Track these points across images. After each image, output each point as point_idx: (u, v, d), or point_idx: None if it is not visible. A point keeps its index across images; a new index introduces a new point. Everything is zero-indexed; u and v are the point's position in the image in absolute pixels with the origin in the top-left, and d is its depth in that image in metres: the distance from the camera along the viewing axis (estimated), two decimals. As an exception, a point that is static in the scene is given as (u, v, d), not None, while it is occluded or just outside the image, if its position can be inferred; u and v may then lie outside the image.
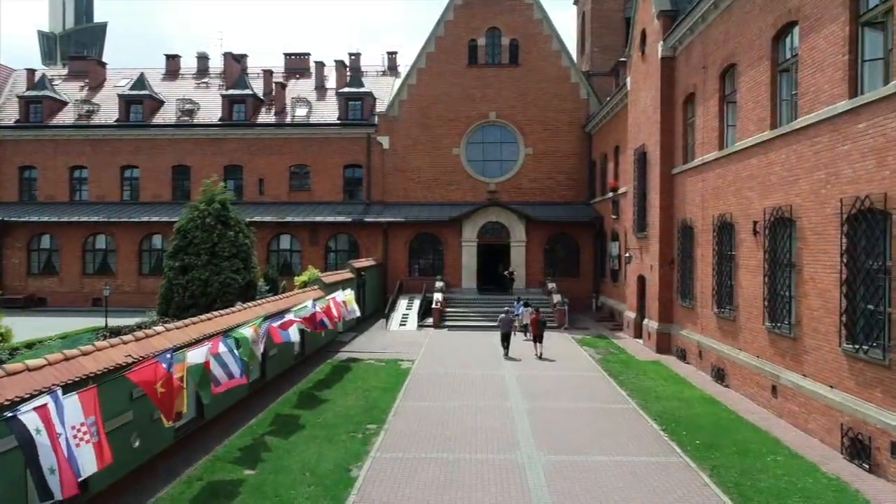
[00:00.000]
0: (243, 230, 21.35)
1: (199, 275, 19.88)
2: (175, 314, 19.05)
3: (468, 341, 25.76)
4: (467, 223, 35.97)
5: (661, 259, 22.73)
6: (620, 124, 30.38)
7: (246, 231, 21.53)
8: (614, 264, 31.61)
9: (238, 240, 20.87)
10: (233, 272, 20.33)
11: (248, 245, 20.98)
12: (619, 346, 24.25)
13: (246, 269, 20.71)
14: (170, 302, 19.73)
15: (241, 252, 20.60)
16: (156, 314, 19.98)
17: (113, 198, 40.11)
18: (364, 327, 29.60)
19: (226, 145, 39.72)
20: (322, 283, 23.17)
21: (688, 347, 20.75)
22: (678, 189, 22.01)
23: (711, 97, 18.93)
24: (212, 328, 12.84)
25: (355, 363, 20.92)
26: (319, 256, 36.96)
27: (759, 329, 15.67)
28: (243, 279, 20.46)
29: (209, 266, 19.83)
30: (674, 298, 22.48)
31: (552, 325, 29.01)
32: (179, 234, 20.29)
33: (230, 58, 44.63)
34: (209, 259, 20.06)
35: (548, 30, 38.12)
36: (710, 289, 18.97)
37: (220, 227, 20.67)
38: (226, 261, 20.29)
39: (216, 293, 19.59)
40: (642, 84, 25.06)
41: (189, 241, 20.15)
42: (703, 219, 19.54)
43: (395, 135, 38.50)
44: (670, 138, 22.56)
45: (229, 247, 20.40)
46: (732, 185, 17.31)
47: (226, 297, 19.58)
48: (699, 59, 19.95)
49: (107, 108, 41.81)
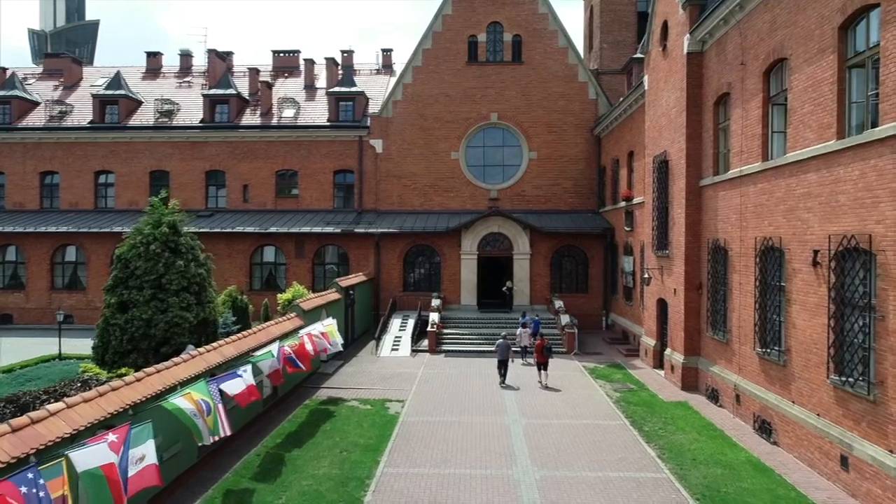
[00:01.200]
0: (197, 258, 18.29)
1: (140, 313, 16.64)
2: (113, 361, 16.20)
3: (466, 371, 22.95)
4: (467, 234, 33.16)
5: (687, 283, 19.92)
6: (635, 128, 27.58)
7: (201, 259, 18.48)
8: (628, 281, 28.79)
9: (189, 270, 17.68)
10: (182, 309, 17.11)
11: (202, 275, 17.98)
12: (638, 380, 21.42)
13: (199, 304, 17.67)
14: (107, 346, 16.78)
15: (193, 284, 17.60)
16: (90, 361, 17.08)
17: (86, 205, 37.31)
18: (353, 351, 26.81)
19: (207, 149, 36.90)
20: (300, 310, 20.33)
21: (721, 388, 17.93)
22: (708, 204, 19.19)
23: (752, 98, 16.12)
24: (126, 398, 9.95)
25: (336, 406, 18.09)
26: (306, 270, 34.14)
27: (820, 381, 12.86)
28: (196, 316, 17.32)
29: (153, 302, 16.85)
30: (702, 329, 19.67)
31: (560, 351, 26.25)
32: (119, 264, 17.36)
33: (214, 55, 41.75)
34: (153, 294, 17.02)
35: (553, 25, 35.30)
36: (750, 323, 16.16)
37: (168, 254, 17.45)
38: (174, 296, 17.08)
39: (161, 335, 16.66)
40: (663, 83, 22.25)
41: (130, 273, 17.22)
42: (740, 240, 16.72)
43: (389, 138, 35.69)
44: (697, 145, 19.76)
45: (178, 278, 17.27)
46: (782, 203, 14.49)
47: (174, 339, 16.67)
48: (735, 53, 17.14)
49: (81, 109, 39.02)
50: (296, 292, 29.14)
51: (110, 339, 16.48)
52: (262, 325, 17.08)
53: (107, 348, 16.52)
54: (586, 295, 33.17)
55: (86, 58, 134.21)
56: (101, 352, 16.68)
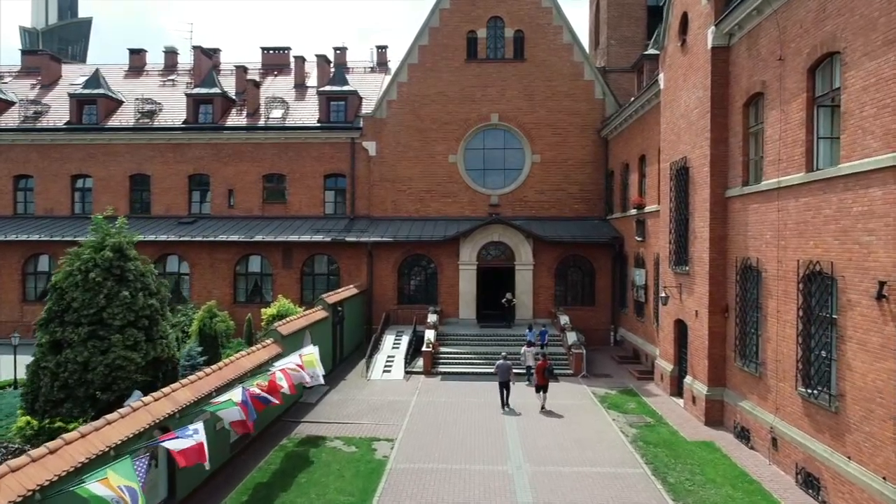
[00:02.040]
0: (148, 286, 15.85)
1: (75, 355, 14.09)
2: (44, 410, 13.96)
3: (464, 399, 20.82)
4: (465, 243, 31.02)
5: (712, 305, 17.79)
6: (647, 130, 25.47)
7: (152, 287, 16.04)
8: (639, 296, 26.67)
9: (137, 302, 15.09)
10: (127, 348, 14.56)
11: (153, 307, 15.58)
12: (655, 411, 19.29)
13: (149, 340, 15.26)
14: (37, 393, 14.38)
15: (141, 318, 15.20)
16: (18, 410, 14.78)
17: (63, 211, 35.18)
18: (342, 372, 24.70)
19: (190, 151, 34.75)
20: (278, 335, 18.19)
21: (753, 428, 15.81)
22: (735, 217, 17.06)
23: (793, 99, 13.98)
24: (30, 480, 7.74)
25: (317, 448, 15.94)
26: (294, 281, 31.99)
27: (887, 439, 10.74)
28: (145, 356, 14.91)
29: (92, 341, 14.40)
30: (728, 357, 17.54)
31: (566, 373, 24.14)
32: (55, 295, 15.01)
33: (200, 52, 39.58)
34: (92, 331, 14.51)
35: (558, 20, 33.15)
36: (790, 357, 14.04)
37: (112, 284, 14.85)
38: (117, 333, 14.54)
39: (101, 380, 14.29)
40: (682, 82, 20.12)
41: (66, 306, 14.77)
42: (778, 261, 14.59)
43: (383, 140, 33.56)
44: (723, 151, 17.63)
45: (123, 312, 14.68)
46: (833, 222, 12.37)
47: (116, 384, 14.42)
48: (771, 47, 15.02)
49: (58, 109, 36.86)
50: (281, 307, 27.05)
51: (40, 384, 14.21)
52: (231, 358, 14.92)
53: (37, 395, 14.22)
54: (593, 308, 31.04)
55: (78, 56, 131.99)
56: (30, 399, 14.36)
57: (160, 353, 14.95)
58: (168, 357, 15.28)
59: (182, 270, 32.66)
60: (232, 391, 12.16)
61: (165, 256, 32.68)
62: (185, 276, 32.62)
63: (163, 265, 32.74)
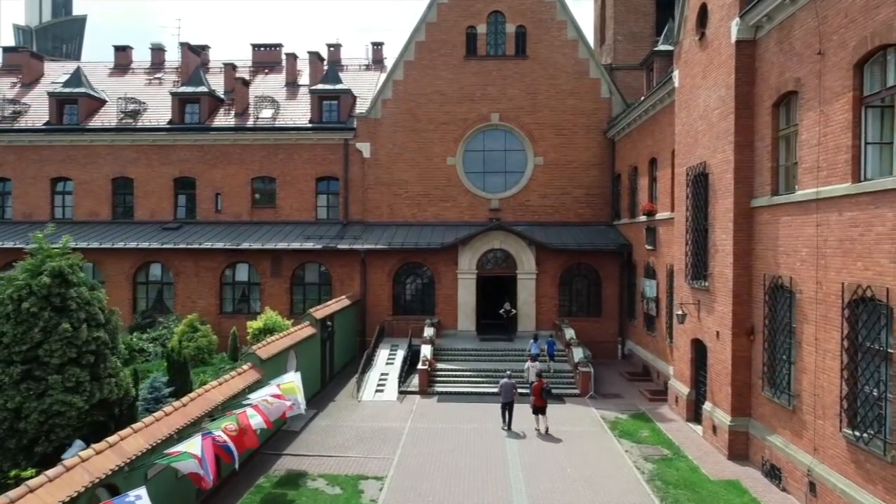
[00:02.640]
0: (95, 316, 13.67)
1: (5, 400, 12.09)
2: None
3: (463, 424, 19.12)
4: (464, 250, 29.31)
5: (736, 327, 16.09)
6: (659, 131, 23.78)
7: (101, 317, 13.81)
8: (650, 308, 24.97)
9: (80, 335, 12.90)
10: (67, 391, 12.53)
11: (101, 340, 13.52)
12: (672, 441, 17.59)
13: (95, 380, 13.21)
14: None
15: (86, 354, 13.15)
16: None
17: (42, 216, 33.47)
18: (332, 391, 23.02)
19: (176, 153, 33.07)
20: (256, 359, 16.47)
21: (785, 467, 14.12)
22: (763, 230, 15.36)
23: (835, 98, 12.28)
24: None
25: (297, 489, 14.25)
26: (284, 290, 30.26)
27: (962, 503, 9.05)
28: (88, 399, 12.87)
29: (25, 383, 12.44)
30: (754, 383, 15.86)
31: (573, 393, 22.49)
32: None
33: (187, 49, 37.89)
34: (27, 371, 12.37)
35: (562, 14, 31.43)
36: (832, 393, 12.34)
37: (50, 314, 12.72)
38: (55, 373, 12.51)
39: (35, 430, 12.39)
40: (700, 79, 18.41)
41: None
42: (817, 283, 12.89)
43: (378, 141, 31.86)
44: (748, 156, 15.93)
45: (63, 348, 12.57)
46: (888, 241, 10.67)
47: (55, 433, 12.58)
48: (808, 40, 13.31)
49: (38, 109, 35.19)
50: (268, 320, 25.44)
51: (-36, 434, 12.44)
52: (199, 391, 13.20)
53: (-40, 447, 12.49)
54: (599, 320, 29.32)
55: (73, 54, 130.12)
56: (-47, 452, 12.60)
57: (108, 394, 13.07)
58: (117, 399, 13.41)
59: (165, 279, 30.97)
60: (189, 441, 10.45)
61: (148, 264, 31.01)
62: (168, 286, 30.91)
63: (145, 273, 31.12)
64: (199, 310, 29.65)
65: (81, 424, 12.58)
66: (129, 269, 30.71)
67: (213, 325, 28.42)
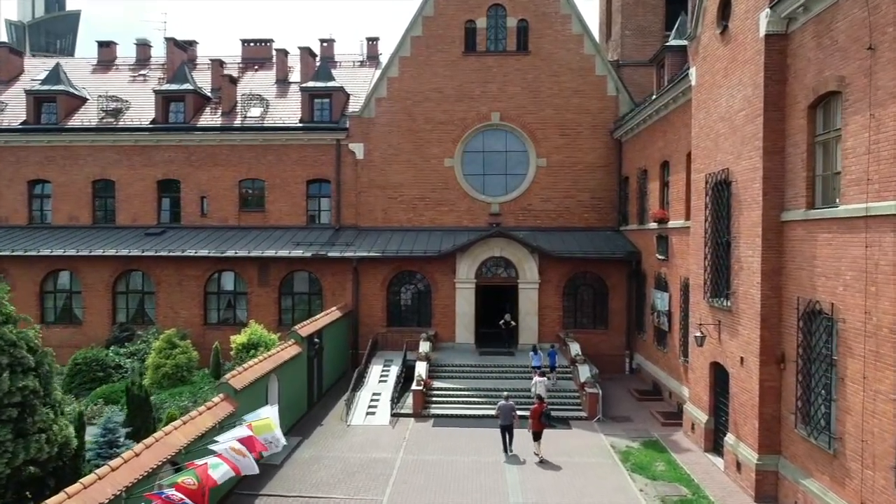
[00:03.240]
0: (22, 360, 11.56)
1: None
2: None
3: (459, 459, 17.43)
4: (463, 258, 27.63)
5: (764, 354, 14.44)
6: (671, 132, 22.10)
7: (30, 361, 11.70)
8: (661, 322, 23.31)
9: (1, 385, 10.89)
10: None
11: (29, 388, 11.40)
12: (691, 477, 15.93)
13: (22, 436, 11.20)
14: None
15: (7, 408, 11.02)
16: None
17: (18, 220, 31.86)
18: (319, 414, 21.36)
19: (159, 154, 31.40)
20: (230, 389, 14.80)
21: (824, 518, 12.47)
22: (797, 248, 13.68)
23: (891, 100, 10.59)
24: None
25: (270, 542, 12.64)
26: (272, 301, 28.58)
27: None
28: (11, 462, 10.77)
29: None
30: (784, 417, 14.21)
31: (579, 416, 20.84)
32: None
33: (173, 45, 36.15)
34: None
35: (566, 8, 29.70)
36: (885, 441, 10.68)
37: None
38: None
39: None
40: (722, 77, 16.71)
41: None
42: (866, 312, 11.22)
43: (372, 141, 30.18)
44: (779, 164, 14.25)
45: None
46: (962, 271, 9.00)
47: None
48: (854, 33, 11.61)
49: (15, 107, 33.50)
50: (253, 334, 23.90)
51: None
52: (159, 434, 11.53)
53: None
54: (606, 332, 27.66)
55: (66, 50, 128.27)
56: None
57: (36, 453, 11.32)
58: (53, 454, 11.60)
59: (147, 288, 29.30)
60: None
61: (129, 272, 29.35)
62: (150, 295, 29.24)
63: (125, 282, 29.48)
64: (182, 321, 28.08)
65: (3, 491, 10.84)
66: (108, 277, 29.07)
67: (196, 338, 26.92)
